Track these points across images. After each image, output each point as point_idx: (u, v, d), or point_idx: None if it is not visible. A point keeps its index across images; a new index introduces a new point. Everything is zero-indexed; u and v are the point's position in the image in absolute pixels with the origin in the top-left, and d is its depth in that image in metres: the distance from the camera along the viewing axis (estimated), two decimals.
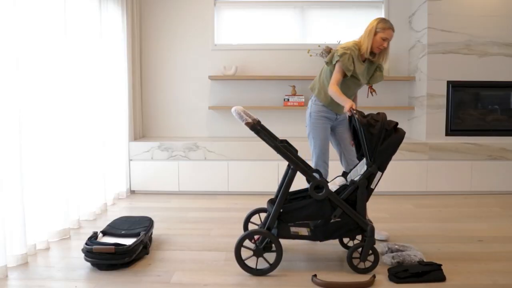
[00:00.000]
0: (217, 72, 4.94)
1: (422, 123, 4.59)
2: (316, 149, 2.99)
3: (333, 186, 2.59)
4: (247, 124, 2.37)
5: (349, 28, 5.00)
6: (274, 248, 2.45)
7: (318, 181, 2.39)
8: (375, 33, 2.83)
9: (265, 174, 4.46)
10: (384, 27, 2.82)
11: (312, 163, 3.01)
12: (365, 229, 2.43)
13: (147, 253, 2.76)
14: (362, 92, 4.89)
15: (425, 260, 2.54)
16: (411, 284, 2.31)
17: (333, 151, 4.57)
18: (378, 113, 2.52)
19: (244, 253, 2.53)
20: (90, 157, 3.59)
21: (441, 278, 2.35)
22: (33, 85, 2.82)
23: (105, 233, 2.85)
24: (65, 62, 3.14)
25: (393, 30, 2.85)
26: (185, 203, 4.13)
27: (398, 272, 2.35)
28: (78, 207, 3.39)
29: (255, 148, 4.44)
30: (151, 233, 2.98)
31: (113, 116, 4.14)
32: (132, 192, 4.55)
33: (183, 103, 5.01)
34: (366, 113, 2.55)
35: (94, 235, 2.72)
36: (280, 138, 2.71)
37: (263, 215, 3.11)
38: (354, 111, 2.51)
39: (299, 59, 4.95)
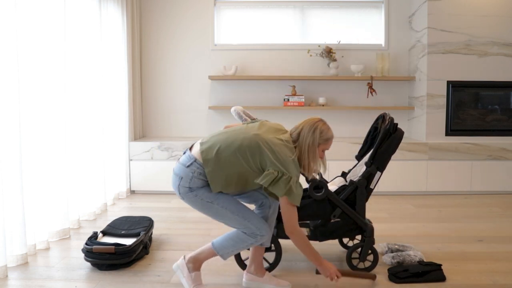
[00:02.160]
0: (217, 72, 4.94)
1: (422, 123, 4.59)
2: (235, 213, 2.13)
3: (332, 186, 2.59)
4: None
5: (349, 28, 5.00)
6: (273, 248, 2.45)
7: (317, 181, 2.39)
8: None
9: None
10: None
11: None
12: (365, 229, 2.43)
13: (147, 253, 2.76)
14: (362, 92, 4.90)
15: (425, 260, 2.54)
16: (411, 284, 2.31)
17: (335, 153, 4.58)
18: (385, 115, 2.53)
19: (244, 253, 2.53)
20: (90, 157, 3.59)
21: (441, 278, 2.35)
22: (33, 86, 2.81)
23: (105, 233, 2.85)
24: (65, 63, 3.14)
25: None
26: (185, 203, 4.12)
27: (398, 272, 2.35)
28: (78, 207, 3.39)
29: None
30: (151, 233, 2.98)
31: (113, 116, 4.14)
32: (132, 192, 4.55)
33: (183, 103, 5.01)
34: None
35: (94, 235, 2.72)
36: None
37: None
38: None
39: (299, 59, 4.94)
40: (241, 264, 2.42)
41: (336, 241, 2.90)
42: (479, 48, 4.45)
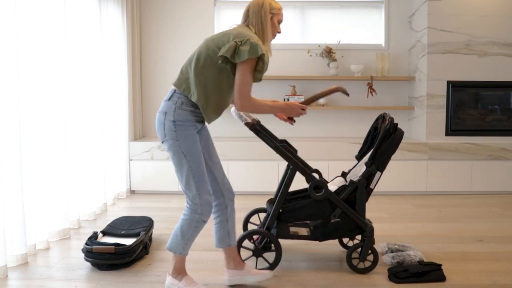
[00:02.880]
0: None
1: (422, 123, 4.59)
2: (195, 175, 2.12)
3: (332, 186, 2.59)
4: (247, 124, 2.38)
5: (349, 28, 4.99)
6: (273, 248, 2.45)
7: (317, 181, 2.39)
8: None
9: (265, 174, 4.46)
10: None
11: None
12: (365, 229, 2.43)
13: (147, 253, 2.76)
14: (362, 92, 4.90)
15: (425, 260, 2.54)
16: (411, 284, 2.31)
17: (328, 152, 4.58)
18: (385, 115, 2.53)
19: (244, 253, 2.53)
20: (90, 157, 3.59)
21: (441, 278, 2.35)
22: (33, 86, 2.81)
23: (105, 233, 2.85)
24: (65, 63, 3.14)
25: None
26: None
27: (398, 272, 2.35)
28: (78, 207, 3.39)
29: (255, 148, 4.44)
30: (151, 233, 2.98)
31: (113, 116, 4.14)
32: (132, 192, 4.55)
33: None
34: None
35: (94, 235, 2.72)
36: (280, 138, 2.71)
37: (262, 215, 3.11)
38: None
39: (299, 59, 4.94)
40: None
41: (336, 241, 2.90)
42: (479, 48, 4.45)
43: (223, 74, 2.09)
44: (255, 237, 2.60)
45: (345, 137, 4.87)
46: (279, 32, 2.27)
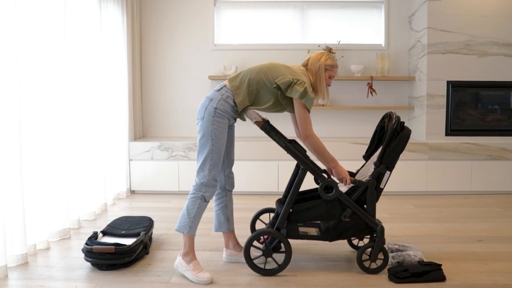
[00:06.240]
0: (217, 72, 4.94)
1: (422, 123, 4.59)
2: (213, 157, 2.37)
3: (343, 187, 2.57)
4: (257, 123, 2.37)
5: (349, 28, 5.00)
6: (283, 249, 2.43)
7: (328, 181, 2.38)
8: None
9: (265, 174, 4.46)
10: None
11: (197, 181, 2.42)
12: (375, 229, 2.42)
13: (147, 253, 2.76)
14: (362, 92, 4.90)
15: (425, 260, 2.54)
16: (411, 284, 2.31)
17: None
18: (391, 114, 2.53)
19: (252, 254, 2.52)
20: (90, 157, 3.59)
21: (441, 278, 2.35)
22: (33, 86, 2.81)
23: (105, 233, 2.85)
24: (65, 62, 3.14)
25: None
26: (185, 203, 4.12)
27: (398, 272, 2.35)
28: (78, 207, 3.39)
29: (255, 148, 4.44)
30: (151, 233, 2.98)
31: (113, 116, 4.14)
32: (132, 192, 4.55)
33: (183, 103, 5.01)
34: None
35: (94, 235, 2.72)
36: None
37: (264, 216, 3.11)
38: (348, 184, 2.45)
39: (299, 59, 4.92)
40: (251, 264, 2.41)
41: (344, 241, 2.89)
42: (479, 48, 4.45)
43: (273, 96, 2.40)
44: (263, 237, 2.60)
45: (345, 137, 4.87)
46: (329, 85, 2.54)
